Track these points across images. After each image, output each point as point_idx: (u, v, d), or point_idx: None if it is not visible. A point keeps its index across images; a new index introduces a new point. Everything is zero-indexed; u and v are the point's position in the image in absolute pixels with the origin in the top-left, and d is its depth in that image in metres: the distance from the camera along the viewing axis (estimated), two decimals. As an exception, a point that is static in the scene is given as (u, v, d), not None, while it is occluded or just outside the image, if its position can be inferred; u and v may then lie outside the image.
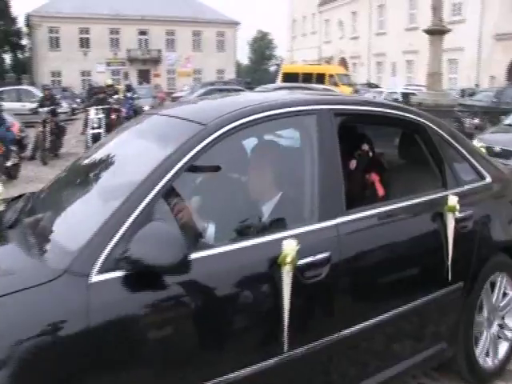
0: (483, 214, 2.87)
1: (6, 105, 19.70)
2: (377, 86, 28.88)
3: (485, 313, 2.90)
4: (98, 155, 2.56)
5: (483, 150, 3.39)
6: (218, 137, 2.07)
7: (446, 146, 2.83)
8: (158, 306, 1.79)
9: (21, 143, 11.74)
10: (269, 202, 2.35)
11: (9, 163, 9.63)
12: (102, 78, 32.80)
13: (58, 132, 12.49)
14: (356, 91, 21.61)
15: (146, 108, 21.32)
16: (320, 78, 24.62)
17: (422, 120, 2.78)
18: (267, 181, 2.41)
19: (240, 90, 16.24)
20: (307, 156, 2.33)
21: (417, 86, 22.72)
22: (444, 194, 2.66)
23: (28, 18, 44.16)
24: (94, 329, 1.64)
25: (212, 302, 1.93)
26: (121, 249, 1.74)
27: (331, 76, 25.88)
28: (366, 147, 2.99)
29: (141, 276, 1.72)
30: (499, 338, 3.00)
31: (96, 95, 16.11)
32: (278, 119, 2.31)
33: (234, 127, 2.12)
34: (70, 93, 28.60)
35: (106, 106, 11.58)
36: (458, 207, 2.56)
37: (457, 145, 2.89)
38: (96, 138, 10.40)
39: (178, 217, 2.00)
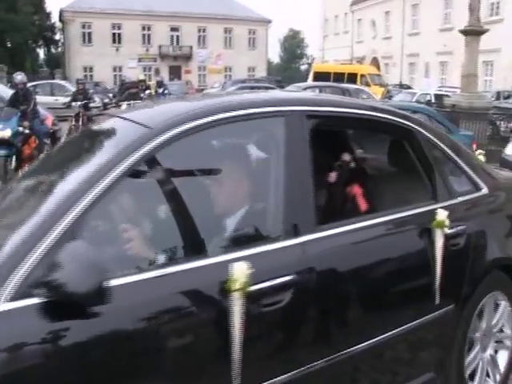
0: (478, 229, 2.61)
1: (40, 98, 20.09)
2: (409, 87, 28.44)
3: (479, 336, 2.64)
4: (42, 163, 2.34)
5: (482, 158, 3.18)
6: (166, 141, 1.80)
7: (437, 154, 2.57)
8: (72, 340, 1.51)
9: (54, 136, 11.94)
10: (230, 217, 2.05)
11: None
12: (133, 73, 33.12)
13: (91, 126, 12.70)
14: (388, 92, 21.31)
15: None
16: (352, 78, 24.41)
17: (410, 124, 2.51)
18: (229, 192, 2.10)
19: (271, 88, 16.21)
20: (273, 164, 2.04)
21: (450, 87, 22.30)
22: (434, 207, 2.41)
23: (61, 14, 44.84)
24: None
25: (141, 337, 1.62)
26: (37, 273, 1.49)
27: (363, 76, 25.64)
28: (347, 157, 2.68)
29: (57, 304, 1.48)
30: (496, 351, 2.77)
31: (128, 90, 16.29)
32: (239, 122, 2.01)
33: (185, 130, 1.85)
34: (102, 87, 29.02)
35: (138, 102, 11.29)
36: (447, 223, 2.31)
37: (450, 152, 2.63)
38: None
39: (123, 235, 1.77)
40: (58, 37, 48.97)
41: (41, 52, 48.99)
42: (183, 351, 1.69)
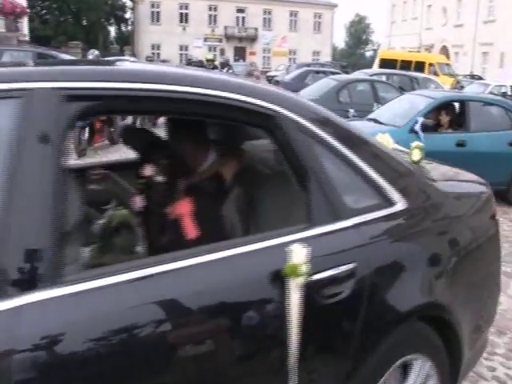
0: (383, 264, 1.78)
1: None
2: (480, 78, 27.28)
3: None
4: None
5: (416, 155, 2.28)
6: None
7: (320, 152, 1.72)
8: None
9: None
10: None
11: (112, 128, 10.21)
12: (199, 52, 33.61)
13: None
14: (458, 82, 20.55)
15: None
16: (419, 67, 23.64)
17: (275, 109, 1.66)
18: None
19: (336, 73, 16.01)
20: None
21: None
22: (299, 236, 1.59)
23: (133, -7, 46.04)
24: None
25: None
26: None
27: (431, 65, 24.75)
28: (148, 171, 1.90)
29: None
30: None
31: (203, 68, 16.66)
32: None
33: None
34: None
35: None
36: (304, 268, 1.47)
37: (344, 150, 1.79)
38: None
39: None
40: (128, 15, 50.25)
41: (112, 30, 50.47)
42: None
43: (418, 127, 6.56)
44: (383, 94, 10.31)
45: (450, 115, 7.05)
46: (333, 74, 15.48)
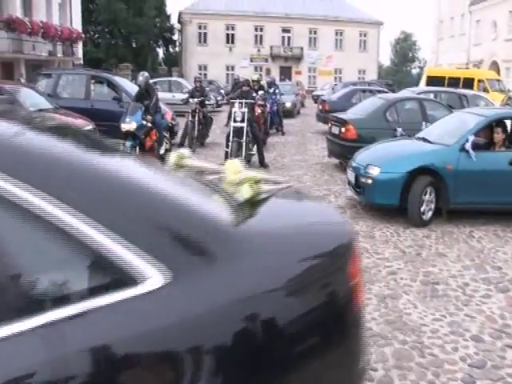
0: None
1: (159, 94, 21.38)
2: (533, 94, 26.39)
3: None
4: None
5: (248, 191, 1.72)
6: None
7: None
8: None
9: (172, 130, 12.67)
10: None
11: (162, 149, 10.44)
12: (245, 72, 34.08)
13: (206, 122, 13.27)
14: (509, 98, 19.97)
15: (288, 105, 21.79)
16: (468, 83, 23.16)
17: None
18: None
19: (383, 92, 15.88)
20: None
21: None
22: None
23: (180, 15, 47.29)
24: None
25: None
26: None
27: (480, 81, 24.19)
28: None
29: None
30: None
31: (241, 89, 16.67)
32: None
33: None
34: (215, 86, 30.13)
35: (250, 101, 10.61)
36: None
37: (38, 202, 1.21)
38: (238, 132, 9.89)
39: None
40: (175, 37, 51.64)
41: (160, 51, 51.93)
42: None
43: (468, 146, 6.45)
44: (432, 113, 10.14)
45: (502, 133, 6.90)
46: (380, 92, 15.36)
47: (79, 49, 28.38)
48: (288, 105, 21.24)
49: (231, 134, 9.87)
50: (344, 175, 8.65)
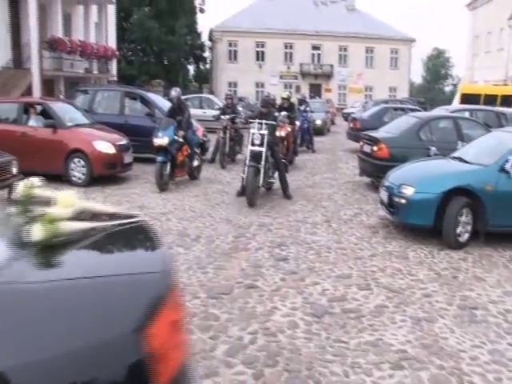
0: None
1: (190, 111, 21.65)
2: None
3: None
4: None
5: (39, 231, 1.47)
6: None
7: None
8: None
9: (203, 147, 12.77)
10: None
11: (193, 164, 10.52)
12: (274, 90, 34.28)
13: (237, 139, 13.34)
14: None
15: (318, 122, 21.73)
16: (506, 100, 22.58)
17: None
18: None
19: (416, 110, 15.66)
20: None
21: None
22: None
23: (211, 33, 48.13)
24: None
25: None
26: None
27: (520, 98, 23.62)
28: None
29: None
30: None
31: (265, 108, 16.47)
32: None
33: None
34: (246, 102, 30.35)
35: (271, 122, 8.95)
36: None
37: None
38: (256, 156, 8.53)
39: None
40: (206, 54, 52.41)
41: (191, 68, 52.72)
42: None
43: (509, 166, 6.27)
44: (467, 131, 9.92)
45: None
46: (412, 110, 15.18)
47: (113, 66, 29.07)
48: (318, 122, 21.21)
49: (247, 158, 8.64)
50: (376, 194, 8.55)
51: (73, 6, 24.58)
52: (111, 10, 29.17)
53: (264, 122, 8.85)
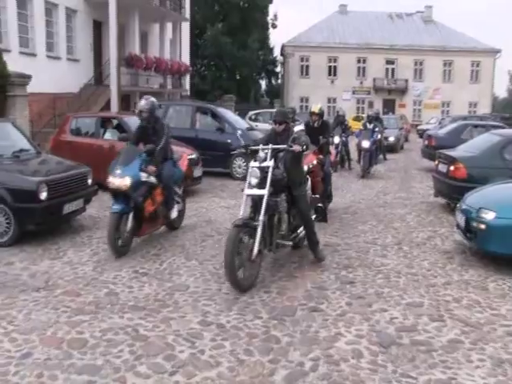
0: None
1: (261, 126, 21.83)
2: None
3: None
4: None
5: None
6: None
7: None
8: None
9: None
10: None
11: (173, 214, 7.10)
12: (347, 105, 33.87)
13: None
14: None
15: (391, 139, 21.01)
16: None
17: None
18: None
19: (499, 127, 14.77)
20: None
21: None
22: None
23: (283, 48, 48.46)
24: None
25: None
26: None
27: None
28: None
29: None
30: None
31: (342, 124, 15.94)
32: None
33: None
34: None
35: (282, 146, 5.43)
36: None
37: None
38: (256, 205, 5.36)
39: None
40: (278, 69, 52.78)
41: (263, 83, 53.24)
42: None
43: None
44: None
45: None
46: (494, 127, 14.34)
47: (187, 81, 29.98)
48: (391, 139, 20.64)
49: (242, 208, 5.36)
50: (452, 217, 8.09)
51: (149, 25, 25.73)
52: (185, 26, 30.15)
53: (272, 146, 5.46)
